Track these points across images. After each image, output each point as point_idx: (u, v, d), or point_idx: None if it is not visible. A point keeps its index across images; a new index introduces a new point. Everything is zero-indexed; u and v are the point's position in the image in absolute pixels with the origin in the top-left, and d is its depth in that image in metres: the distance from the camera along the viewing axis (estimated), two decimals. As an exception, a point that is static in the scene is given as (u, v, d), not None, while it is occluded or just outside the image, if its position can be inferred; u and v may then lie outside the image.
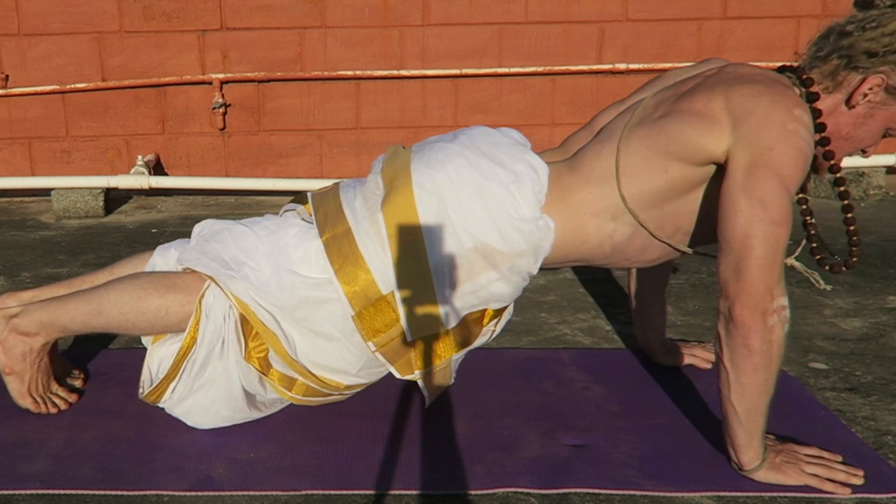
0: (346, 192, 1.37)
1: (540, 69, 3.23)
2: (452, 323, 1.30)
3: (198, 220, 2.98)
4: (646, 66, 3.22)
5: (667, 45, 3.22)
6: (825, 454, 1.27)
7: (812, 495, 1.19)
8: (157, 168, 3.27)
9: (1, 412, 1.45)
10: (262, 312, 1.31)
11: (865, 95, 1.22)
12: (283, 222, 1.38)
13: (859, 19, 1.22)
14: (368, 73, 3.21)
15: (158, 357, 1.40)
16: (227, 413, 1.37)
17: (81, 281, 1.50)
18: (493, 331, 1.39)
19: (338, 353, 1.32)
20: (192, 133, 3.29)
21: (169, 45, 3.17)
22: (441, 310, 1.28)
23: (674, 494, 1.20)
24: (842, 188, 1.29)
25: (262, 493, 1.21)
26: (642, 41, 3.22)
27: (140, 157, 3.16)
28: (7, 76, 3.17)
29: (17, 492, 1.21)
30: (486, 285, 1.29)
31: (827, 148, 1.26)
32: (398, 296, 1.26)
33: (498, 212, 1.26)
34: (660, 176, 1.24)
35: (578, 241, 1.31)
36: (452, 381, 1.40)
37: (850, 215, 1.29)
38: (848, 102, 1.24)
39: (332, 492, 1.21)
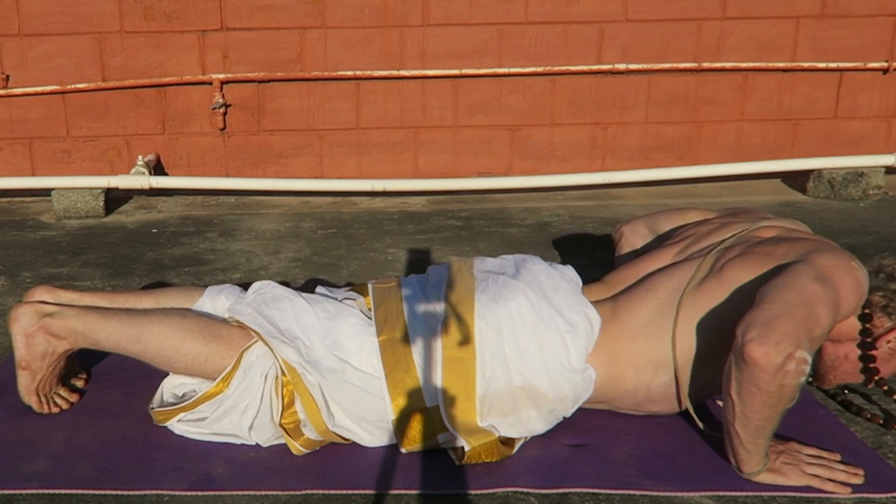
0: (408, 299, 1.38)
1: (540, 69, 3.23)
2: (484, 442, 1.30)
3: (199, 220, 2.99)
4: (646, 66, 3.22)
5: (666, 45, 3.22)
6: (825, 454, 1.27)
7: (811, 495, 1.20)
8: (157, 168, 3.27)
9: (1, 412, 1.45)
10: (308, 379, 1.31)
11: (889, 342, 1.31)
12: (344, 310, 1.37)
13: None
14: (368, 73, 3.21)
15: (174, 383, 1.41)
16: (223, 441, 1.37)
17: (124, 299, 1.50)
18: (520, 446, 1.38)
19: (369, 433, 1.33)
20: (192, 133, 3.29)
21: (169, 46, 3.17)
22: (479, 430, 1.29)
23: (674, 494, 1.20)
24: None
25: (262, 492, 1.21)
26: (642, 41, 3.22)
27: (140, 157, 3.16)
28: (7, 76, 3.17)
29: (17, 492, 1.21)
30: (525, 421, 1.31)
31: (872, 365, 1.34)
32: (443, 413, 1.28)
33: (551, 358, 1.29)
34: (715, 331, 1.27)
35: (614, 387, 1.34)
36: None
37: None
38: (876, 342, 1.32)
39: (332, 492, 1.21)
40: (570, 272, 1.44)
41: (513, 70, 3.22)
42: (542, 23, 3.20)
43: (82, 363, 1.64)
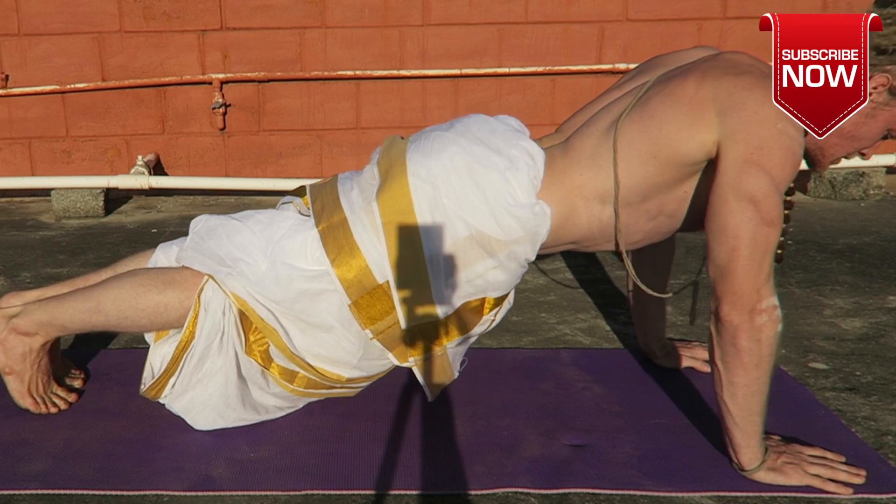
0: (343, 184, 1.37)
1: (540, 69, 3.22)
2: (448, 311, 1.29)
3: (198, 220, 2.98)
4: (646, 66, 3.22)
5: (667, 45, 3.22)
6: (828, 454, 1.27)
7: (812, 495, 1.19)
8: (157, 168, 3.27)
9: (1, 412, 1.45)
10: (260, 308, 1.31)
11: (869, 94, 1.21)
12: (278, 216, 1.38)
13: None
14: (368, 73, 3.21)
15: (161, 354, 1.40)
16: (223, 410, 1.37)
17: (84, 280, 1.50)
18: (493, 320, 1.38)
19: (336, 343, 1.32)
20: (192, 133, 3.29)
21: (169, 45, 3.17)
22: (436, 299, 1.27)
23: (674, 494, 1.20)
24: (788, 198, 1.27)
25: (262, 493, 1.21)
26: (642, 41, 3.22)
27: (140, 157, 3.16)
28: (7, 76, 3.17)
29: (17, 492, 1.21)
30: (482, 273, 1.29)
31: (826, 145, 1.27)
32: (393, 285, 1.26)
33: (493, 198, 1.26)
34: (649, 163, 1.24)
35: (570, 224, 1.31)
36: (456, 375, 1.39)
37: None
38: None
39: (332, 492, 1.21)
40: (511, 120, 1.39)
41: (513, 70, 3.22)
42: (543, 22, 3.19)
43: (82, 363, 1.64)
